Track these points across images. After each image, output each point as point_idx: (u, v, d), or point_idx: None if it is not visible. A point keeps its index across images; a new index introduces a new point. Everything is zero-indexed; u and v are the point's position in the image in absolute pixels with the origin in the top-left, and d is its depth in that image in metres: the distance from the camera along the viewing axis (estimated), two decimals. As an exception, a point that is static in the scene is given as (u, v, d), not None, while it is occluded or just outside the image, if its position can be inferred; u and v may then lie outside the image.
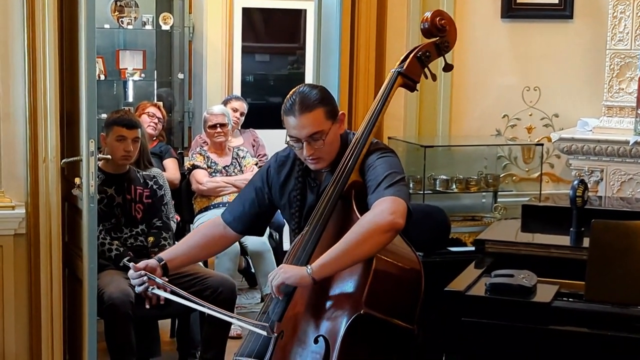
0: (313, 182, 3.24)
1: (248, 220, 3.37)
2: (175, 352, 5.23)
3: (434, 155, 5.40)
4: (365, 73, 5.15)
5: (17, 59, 4.05)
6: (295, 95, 3.12)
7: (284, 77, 8.96)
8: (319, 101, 3.09)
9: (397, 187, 2.99)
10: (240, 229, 3.39)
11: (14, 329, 4.16)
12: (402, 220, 2.91)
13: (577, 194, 3.37)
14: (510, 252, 3.39)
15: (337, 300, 2.94)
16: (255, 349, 3.02)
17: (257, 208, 3.36)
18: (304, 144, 3.10)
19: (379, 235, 2.85)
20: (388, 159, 3.13)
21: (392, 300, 2.93)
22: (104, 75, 7.77)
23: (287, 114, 3.11)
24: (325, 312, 2.94)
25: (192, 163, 6.08)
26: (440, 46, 3.36)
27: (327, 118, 3.11)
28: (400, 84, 3.30)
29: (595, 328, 2.82)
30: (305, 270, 2.86)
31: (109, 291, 4.33)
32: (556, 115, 5.77)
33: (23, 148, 4.10)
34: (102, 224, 4.59)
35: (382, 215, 2.88)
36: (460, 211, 5.59)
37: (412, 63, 3.30)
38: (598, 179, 5.37)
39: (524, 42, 5.67)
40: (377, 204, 2.94)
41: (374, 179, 3.04)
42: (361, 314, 2.83)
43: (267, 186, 3.34)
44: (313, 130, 3.07)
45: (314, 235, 3.01)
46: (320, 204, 3.07)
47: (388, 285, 2.93)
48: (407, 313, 2.97)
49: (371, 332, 2.89)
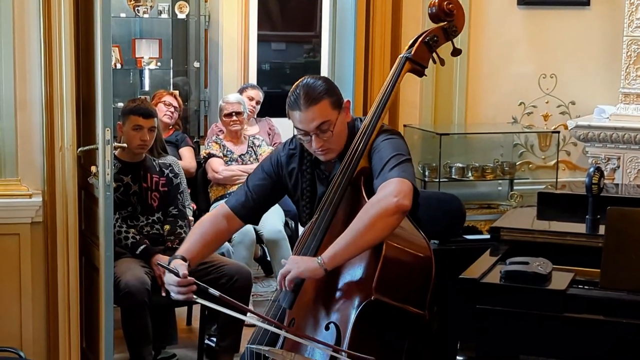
0: (322, 173, 3.24)
1: (252, 206, 3.32)
2: (191, 340, 5.25)
3: (450, 142, 5.40)
4: (381, 60, 5.14)
5: (33, 47, 4.06)
6: (298, 89, 3.10)
7: (300, 66, 8.96)
8: (324, 92, 3.08)
9: (402, 168, 2.97)
10: (244, 215, 3.33)
11: (32, 316, 4.18)
12: (408, 201, 2.89)
13: (593, 181, 3.36)
14: (525, 239, 3.38)
15: (347, 287, 2.94)
16: (267, 337, 3.02)
17: (267, 192, 3.32)
18: (312, 136, 3.10)
19: (385, 219, 2.84)
20: (392, 140, 3.11)
21: (403, 286, 2.92)
22: (120, 64, 7.79)
23: (293, 108, 3.10)
24: (335, 299, 2.94)
25: (208, 152, 6.08)
26: (448, 30, 3.34)
27: (333, 108, 3.10)
28: (408, 69, 3.28)
29: (611, 315, 2.81)
30: (316, 261, 2.85)
31: (125, 279, 4.34)
32: (573, 103, 5.75)
33: (39, 136, 4.11)
34: (118, 212, 4.60)
35: (387, 199, 2.87)
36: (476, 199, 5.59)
37: (420, 48, 3.29)
38: (615, 166, 5.36)
39: (541, 29, 5.66)
40: (382, 187, 2.93)
41: (379, 161, 3.03)
42: (372, 300, 2.82)
43: (278, 172, 3.31)
44: (320, 121, 3.06)
45: (323, 223, 3.01)
46: (329, 191, 3.07)
47: (398, 271, 2.92)
48: (417, 299, 2.96)
49: (382, 318, 2.89)
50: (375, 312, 2.86)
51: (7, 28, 4.00)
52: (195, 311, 5.50)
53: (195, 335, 5.20)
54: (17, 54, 4.05)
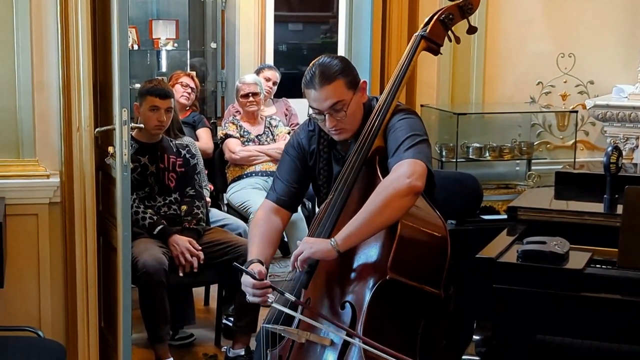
0: (339, 153, 3.24)
1: (294, 194, 3.33)
2: (209, 320, 5.27)
3: (467, 122, 5.38)
4: (398, 39, 5.12)
5: (50, 29, 4.06)
6: (314, 67, 3.10)
7: (317, 46, 8.94)
8: (339, 72, 3.08)
9: (417, 149, 2.96)
10: (291, 205, 3.34)
11: (50, 296, 4.20)
12: (421, 182, 2.88)
13: (611, 160, 3.34)
14: (543, 219, 3.36)
15: (362, 266, 2.93)
16: (282, 317, 3.02)
17: (303, 178, 3.33)
18: (326, 115, 3.09)
19: (398, 200, 2.84)
20: (409, 120, 3.10)
21: (418, 266, 2.92)
22: (137, 45, 7.79)
23: (308, 86, 3.10)
24: (351, 278, 2.94)
25: (225, 132, 6.09)
26: (464, 8, 3.32)
27: (348, 88, 3.09)
28: (424, 47, 3.26)
29: (628, 294, 2.79)
30: (330, 243, 2.85)
31: (143, 259, 4.36)
32: (591, 82, 5.71)
33: (57, 117, 4.12)
34: (135, 193, 4.62)
35: (400, 180, 2.86)
36: (494, 179, 5.57)
37: (435, 26, 3.27)
38: (633, 146, 5.33)
39: (559, 7, 5.61)
40: (395, 167, 2.93)
41: (394, 141, 3.02)
42: (387, 280, 2.82)
43: (304, 154, 3.32)
44: (334, 101, 3.06)
45: (338, 202, 3.01)
46: (344, 171, 3.07)
47: (413, 250, 2.91)
48: (433, 278, 2.95)
49: (397, 297, 2.88)
50: (391, 292, 2.85)
51: (24, 10, 4.01)
52: (212, 291, 5.53)
53: (213, 315, 5.23)
54: (34, 36, 4.05)
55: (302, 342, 2.94)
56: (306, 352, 2.95)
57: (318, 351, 2.91)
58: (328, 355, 2.88)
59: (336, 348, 2.85)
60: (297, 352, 2.98)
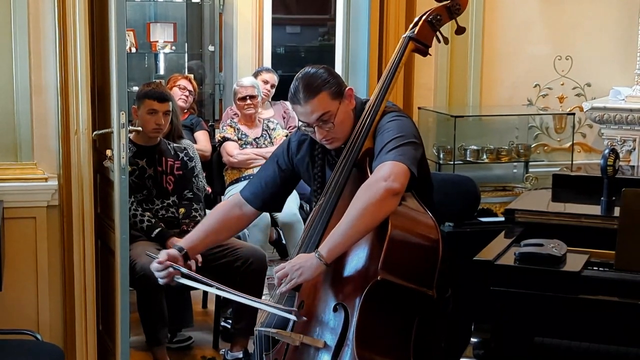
0: (332, 158, 3.24)
1: (268, 196, 3.35)
2: (207, 322, 5.27)
3: (465, 125, 5.38)
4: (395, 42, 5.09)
5: (48, 32, 4.07)
6: (297, 81, 3.10)
7: (314, 49, 8.94)
8: (323, 84, 3.07)
9: (399, 151, 2.94)
10: (260, 205, 3.37)
11: (48, 299, 4.20)
12: (398, 183, 2.86)
13: (608, 163, 3.34)
14: (540, 221, 3.36)
15: (354, 267, 2.93)
16: (275, 320, 3.03)
17: (278, 182, 3.35)
18: (315, 128, 3.10)
19: (377, 204, 2.83)
20: (397, 121, 3.09)
21: (409, 266, 2.91)
22: (135, 48, 7.80)
23: (293, 101, 3.11)
24: (343, 280, 2.94)
25: (222, 135, 6.09)
26: (452, 9, 3.32)
27: (333, 99, 3.08)
28: (412, 49, 3.26)
29: (625, 297, 2.80)
30: (316, 258, 2.84)
31: (141, 262, 4.36)
32: (588, 85, 5.73)
33: (55, 120, 4.13)
34: (133, 196, 4.62)
35: (377, 183, 2.86)
36: (491, 181, 5.58)
37: (423, 27, 3.27)
38: (630, 148, 5.34)
39: (556, 10, 5.62)
40: (375, 171, 2.92)
41: (380, 143, 3.02)
42: (378, 280, 2.82)
43: (289, 160, 3.33)
44: (320, 113, 3.06)
45: (329, 205, 3.02)
46: (334, 173, 3.07)
47: (404, 250, 2.91)
48: (425, 278, 2.94)
49: (389, 298, 2.88)
50: (382, 292, 2.85)
51: (22, 13, 4.01)
52: (210, 294, 5.52)
53: (211, 318, 5.23)
54: (32, 39, 4.06)
55: (296, 345, 2.94)
56: (300, 354, 2.95)
57: (312, 353, 2.91)
58: (322, 357, 2.88)
59: (330, 350, 2.86)
60: (292, 354, 2.98)
